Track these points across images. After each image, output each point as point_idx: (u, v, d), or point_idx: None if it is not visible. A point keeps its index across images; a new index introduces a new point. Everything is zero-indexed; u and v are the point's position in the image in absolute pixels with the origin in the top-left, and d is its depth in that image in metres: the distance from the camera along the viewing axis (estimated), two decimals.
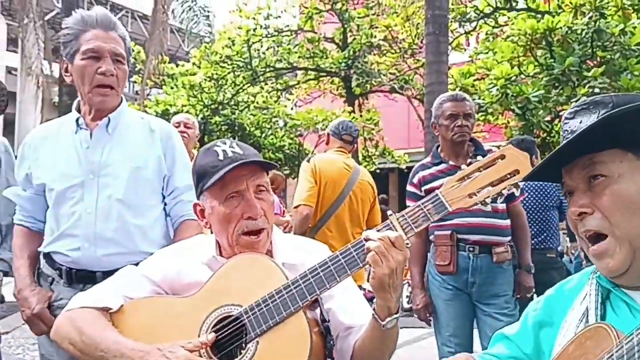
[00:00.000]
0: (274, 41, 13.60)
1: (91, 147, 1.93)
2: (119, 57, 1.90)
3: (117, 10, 28.59)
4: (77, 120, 1.96)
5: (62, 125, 2.02)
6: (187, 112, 16.49)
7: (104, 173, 1.90)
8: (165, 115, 18.14)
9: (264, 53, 13.56)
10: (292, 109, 16.10)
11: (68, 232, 1.90)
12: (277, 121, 13.94)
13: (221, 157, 1.43)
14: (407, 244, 1.27)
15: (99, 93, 1.88)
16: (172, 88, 17.75)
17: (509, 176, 1.32)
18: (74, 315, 1.43)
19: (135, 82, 19.77)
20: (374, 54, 13.18)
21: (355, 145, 3.93)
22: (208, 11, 13.16)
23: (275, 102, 14.81)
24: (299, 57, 13.62)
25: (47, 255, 1.95)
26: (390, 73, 13.05)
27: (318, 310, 1.40)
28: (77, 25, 1.89)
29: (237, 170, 1.40)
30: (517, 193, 1.35)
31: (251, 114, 14.21)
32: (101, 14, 1.91)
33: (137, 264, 1.59)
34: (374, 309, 1.31)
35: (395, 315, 1.29)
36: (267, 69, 13.39)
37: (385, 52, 12.89)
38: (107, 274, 1.76)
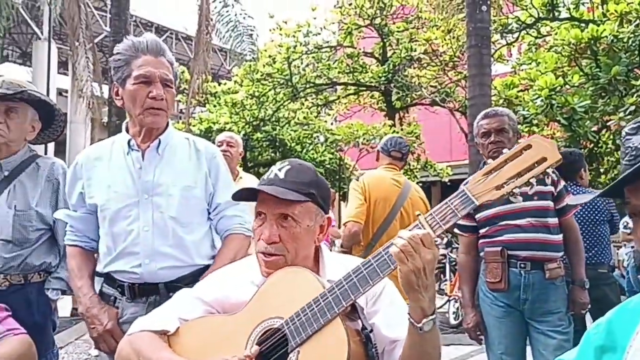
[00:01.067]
0: (313, 57, 13.76)
1: (144, 167, 2.02)
2: (167, 82, 1.99)
3: (162, 32, 29.46)
4: (128, 141, 2.05)
5: (113, 146, 2.12)
6: (230, 129, 16.81)
7: (157, 192, 2.00)
8: (208, 132, 18.54)
9: (304, 69, 13.72)
10: (331, 124, 16.19)
11: (128, 250, 1.97)
12: (317, 136, 14.04)
13: (266, 176, 1.51)
14: (436, 241, 1.28)
15: (151, 114, 1.97)
16: (214, 106, 18.12)
17: (536, 165, 1.30)
18: (133, 338, 1.50)
19: (179, 101, 20.30)
20: (414, 67, 13.15)
21: (406, 161, 3.92)
22: (251, 30, 13.42)
23: (316, 117, 14.92)
24: (339, 72, 13.72)
25: (107, 275, 2.02)
26: (431, 86, 13.00)
27: (359, 321, 1.41)
28: (128, 51, 1.98)
29: (266, 193, 1.45)
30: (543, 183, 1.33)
31: (292, 130, 14.37)
32: (151, 40, 2.00)
33: (191, 275, 1.68)
34: (408, 312, 1.31)
35: (430, 317, 1.28)
36: (307, 85, 13.53)
37: (425, 65, 12.86)
38: (168, 284, 1.88)
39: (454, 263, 7.31)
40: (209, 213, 2.10)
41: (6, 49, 14.34)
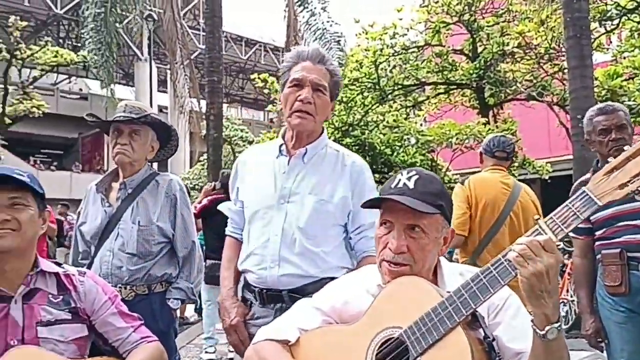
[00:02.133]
0: (401, 59, 13.60)
1: (287, 173, 2.07)
2: (320, 87, 2.01)
3: (251, 45, 30.47)
4: (280, 146, 2.11)
5: (269, 148, 2.19)
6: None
7: (292, 200, 2.03)
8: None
9: (391, 72, 13.61)
10: (421, 125, 15.94)
11: (257, 252, 2.04)
12: (408, 138, 13.89)
13: (393, 184, 1.50)
14: (559, 245, 1.24)
15: (298, 116, 2.00)
16: None
17: None
18: (258, 347, 1.57)
19: (270, 110, 20.86)
20: (507, 62, 12.67)
21: (512, 161, 3.74)
22: (339, 36, 13.54)
23: (405, 119, 14.76)
24: (427, 72, 13.48)
25: (245, 281, 2.12)
26: (526, 80, 12.45)
27: (481, 330, 1.39)
28: (292, 58, 2.07)
29: (395, 202, 1.44)
30: None
31: (381, 133, 14.29)
32: (313, 49, 2.07)
33: (315, 286, 1.74)
34: (531, 321, 1.27)
35: (554, 325, 1.24)
36: (395, 87, 13.41)
37: (519, 59, 12.35)
38: (292, 292, 1.93)
39: (560, 265, 6.96)
40: (346, 230, 2.08)
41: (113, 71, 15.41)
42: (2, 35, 15.28)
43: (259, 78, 17.93)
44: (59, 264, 1.81)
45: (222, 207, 2.37)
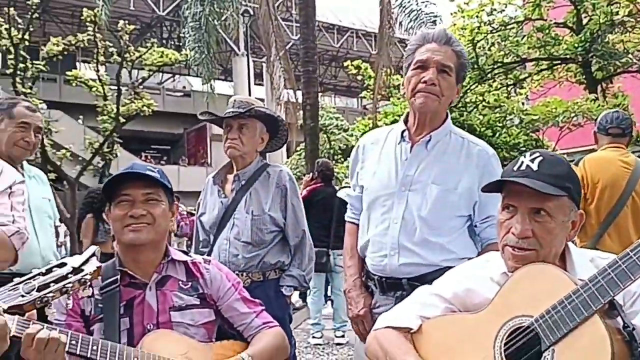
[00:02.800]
0: (499, 36, 13.03)
1: (409, 160, 2.02)
2: (445, 69, 1.95)
3: (343, 32, 30.52)
4: (402, 132, 2.08)
5: (389, 133, 2.17)
6: None
7: (414, 188, 1.99)
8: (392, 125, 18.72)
9: (489, 50, 13.09)
10: (523, 103, 15.22)
11: (376, 239, 2.04)
12: (511, 119, 13.30)
13: (515, 166, 1.45)
14: None
15: (421, 96, 1.95)
16: (398, 99, 18.15)
17: None
18: (379, 335, 1.57)
19: (364, 97, 20.81)
20: (617, 33, 11.76)
21: (630, 137, 3.48)
22: (434, 17, 13.19)
23: (507, 98, 14.14)
24: (529, 48, 12.81)
25: (365, 268, 2.13)
26: (638, 51, 11.51)
27: (619, 319, 1.31)
28: (416, 41, 2.03)
29: (520, 185, 1.40)
30: None
31: (480, 114, 13.81)
32: (439, 30, 2.03)
33: (434, 275, 1.70)
34: None
35: None
36: (495, 66, 12.88)
37: (630, 28, 11.42)
38: (411, 280, 1.91)
39: None
40: (469, 219, 2.02)
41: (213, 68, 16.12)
42: (112, 39, 16.38)
43: (352, 65, 17.91)
44: (186, 253, 1.92)
45: (342, 193, 2.40)
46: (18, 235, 1.83)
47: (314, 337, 5.88)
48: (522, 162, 1.45)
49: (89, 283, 1.20)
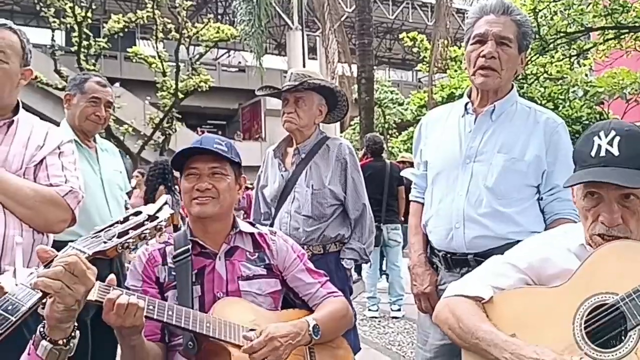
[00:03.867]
0: (562, 4, 12.45)
1: (473, 132, 2.01)
2: (504, 40, 1.91)
3: (398, 3, 29.91)
4: (465, 105, 2.06)
5: (453, 108, 2.17)
6: None
7: (479, 159, 1.96)
8: (450, 98, 18.33)
9: (552, 19, 12.54)
10: (587, 75, 14.56)
11: (441, 213, 2.03)
12: (574, 91, 12.77)
13: (593, 152, 1.38)
14: None
15: (480, 74, 1.93)
16: (455, 71, 17.72)
17: None
18: (451, 303, 1.55)
19: (419, 70, 20.44)
20: None
21: None
22: None
23: (570, 69, 13.56)
24: (594, 16, 12.17)
25: (430, 244, 2.13)
26: None
27: None
28: (475, 14, 2.00)
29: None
30: None
31: (542, 86, 13.33)
32: (497, 0, 1.96)
33: (502, 249, 1.66)
34: None
35: None
36: (558, 36, 12.35)
37: None
38: (478, 256, 1.87)
39: None
40: (538, 190, 1.97)
41: (264, 42, 16.18)
42: (170, 16, 16.67)
43: (407, 37, 17.57)
44: (252, 225, 1.98)
45: (406, 172, 2.39)
46: (72, 194, 1.86)
47: (370, 310, 5.94)
48: (600, 147, 1.36)
49: (164, 229, 1.26)
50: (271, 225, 2.79)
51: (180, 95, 15.02)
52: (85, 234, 2.48)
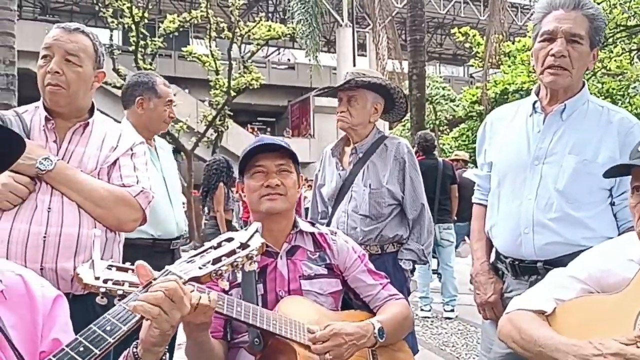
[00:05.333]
0: None
1: (542, 132, 1.92)
2: (575, 37, 1.82)
3: None
4: (534, 103, 1.97)
5: (519, 106, 2.08)
6: (528, 89, 15.91)
7: (549, 161, 1.87)
8: (504, 95, 17.94)
9: (611, 12, 12.06)
10: None
11: (508, 217, 1.94)
12: (635, 87, 12.26)
13: None
14: None
15: (549, 73, 1.85)
16: (509, 66, 17.31)
17: None
18: (512, 316, 1.55)
19: (471, 65, 20.05)
20: None
21: None
22: None
23: (630, 64, 13.02)
24: None
25: (495, 250, 2.07)
26: None
27: None
28: (542, 9, 1.91)
29: None
30: None
31: (599, 82, 12.87)
32: None
33: (574, 255, 1.61)
34: None
35: None
36: (617, 30, 11.87)
37: None
38: (547, 263, 1.80)
39: None
40: (611, 194, 1.88)
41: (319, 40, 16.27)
42: (223, 15, 16.94)
43: (459, 32, 17.26)
44: (312, 224, 1.99)
45: (468, 174, 2.34)
46: (143, 195, 1.92)
47: (422, 309, 5.89)
48: None
49: (255, 259, 1.27)
50: (328, 224, 2.80)
51: (233, 93, 15.24)
52: (151, 231, 2.59)
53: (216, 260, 1.21)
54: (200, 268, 1.18)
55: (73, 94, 1.89)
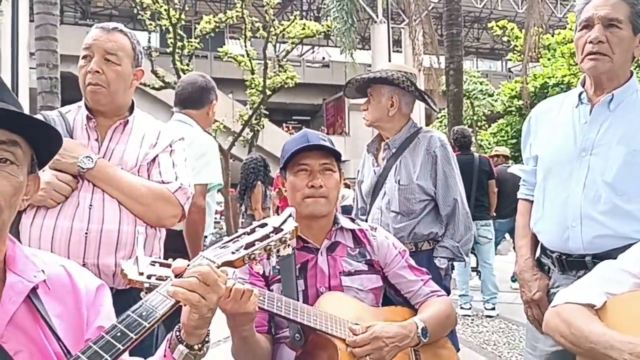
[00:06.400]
0: None
1: (589, 123, 1.87)
2: (613, 22, 1.79)
3: None
4: (579, 94, 1.93)
5: (565, 98, 2.04)
6: (569, 82, 15.51)
7: (596, 152, 1.82)
8: (544, 89, 17.52)
9: None
10: None
11: (555, 211, 1.89)
12: None
13: None
14: None
15: (589, 59, 1.82)
16: (549, 59, 16.88)
17: None
18: (560, 310, 1.48)
19: (510, 59, 19.66)
20: None
21: None
22: None
23: None
24: None
25: (541, 245, 2.01)
26: None
27: None
28: (583, 1, 1.88)
29: None
30: None
31: None
32: None
33: (624, 249, 1.55)
34: None
35: None
36: None
37: None
38: (596, 257, 1.74)
39: None
40: None
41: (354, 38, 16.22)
42: (257, 15, 17.05)
43: (497, 26, 16.95)
44: (353, 220, 1.97)
45: (514, 169, 2.26)
46: (182, 191, 1.93)
47: (462, 307, 5.79)
48: None
49: (288, 242, 1.27)
50: (366, 220, 2.78)
51: (268, 92, 15.34)
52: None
53: (249, 245, 1.21)
54: (233, 253, 1.18)
55: (113, 92, 1.92)
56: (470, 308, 5.82)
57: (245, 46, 15.64)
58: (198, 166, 2.62)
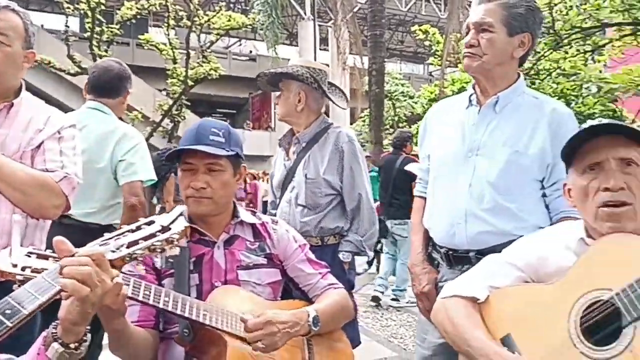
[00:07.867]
0: None
1: (476, 124, 1.94)
2: (483, 26, 1.89)
3: None
4: (470, 96, 2.00)
5: (457, 100, 2.11)
6: None
7: (482, 153, 1.90)
8: (461, 93, 18.18)
9: (567, 14, 12.37)
10: (600, 71, 14.37)
11: (443, 208, 1.97)
12: (588, 87, 12.61)
13: (584, 126, 1.39)
14: None
15: (464, 57, 1.95)
16: None
17: None
18: (448, 305, 1.53)
19: (431, 63, 20.27)
20: None
21: None
22: None
23: (584, 65, 13.36)
24: (611, 12, 11.98)
25: (432, 240, 2.08)
26: None
27: None
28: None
29: (599, 140, 1.36)
30: None
31: (554, 82, 13.15)
32: None
33: (506, 245, 1.62)
34: None
35: None
36: (572, 31, 12.19)
37: None
38: (480, 253, 1.81)
39: None
40: (543, 185, 1.89)
41: (279, 32, 16.15)
42: (182, 4, 16.62)
43: (420, 30, 17.39)
44: (254, 213, 1.95)
45: (412, 167, 2.35)
46: (67, 181, 1.82)
47: (375, 290, 5.94)
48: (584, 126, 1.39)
49: (176, 242, 1.22)
50: (276, 214, 2.77)
51: (190, 83, 15.00)
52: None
53: (132, 244, 1.15)
54: (112, 251, 1.12)
55: (1, 74, 1.79)
56: (382, 293, 5.99)
57: (168, 34, 15.20)
58: (133, 161, 2.65)
